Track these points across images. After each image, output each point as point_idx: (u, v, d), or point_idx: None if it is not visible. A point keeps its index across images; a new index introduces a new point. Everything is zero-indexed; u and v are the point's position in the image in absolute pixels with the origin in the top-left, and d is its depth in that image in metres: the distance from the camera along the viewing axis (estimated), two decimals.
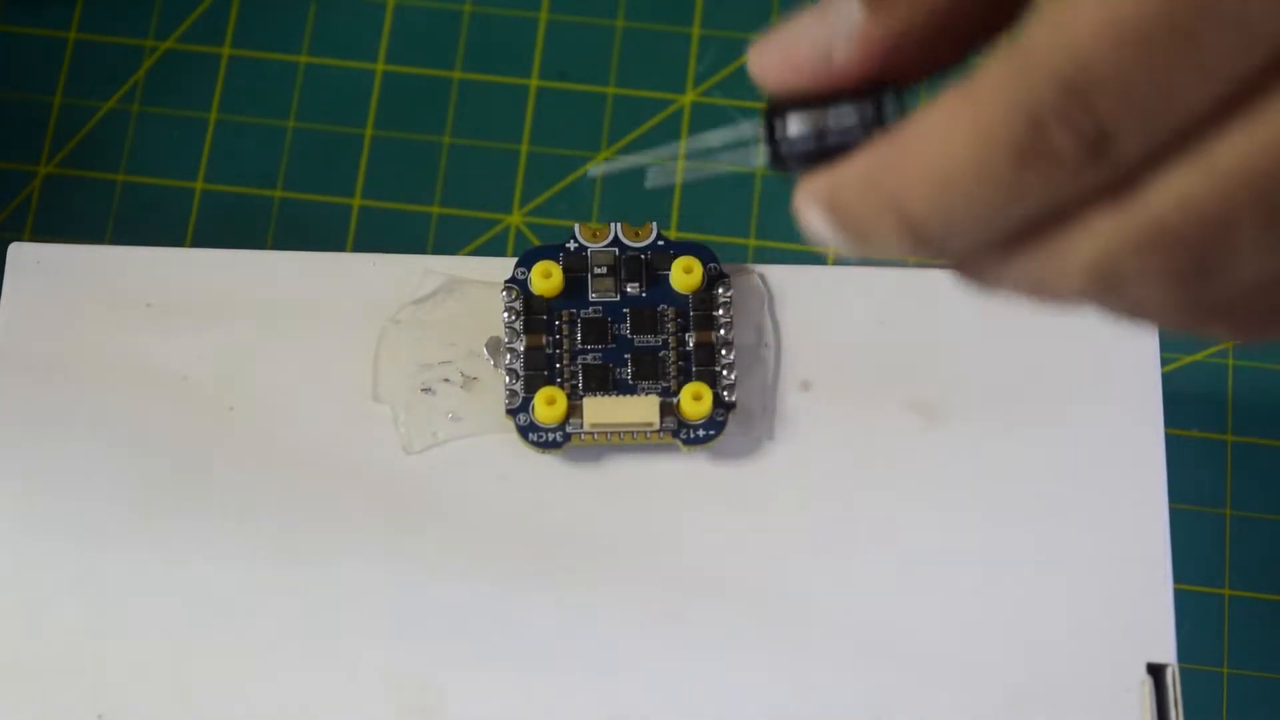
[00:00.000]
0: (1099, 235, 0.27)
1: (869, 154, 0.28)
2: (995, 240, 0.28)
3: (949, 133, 0.26)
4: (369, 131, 0.52)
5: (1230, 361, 0.50)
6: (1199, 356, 0.50)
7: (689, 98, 0.52)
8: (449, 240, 0.50)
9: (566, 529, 0.38)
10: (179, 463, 0.38)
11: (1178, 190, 0.26)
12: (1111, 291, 0.27)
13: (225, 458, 0.39)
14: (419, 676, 0.37)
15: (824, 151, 0.28)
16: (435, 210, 0.51)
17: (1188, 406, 0.49)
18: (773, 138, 0.29)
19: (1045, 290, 0.28)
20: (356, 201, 0.51)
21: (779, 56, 0.28)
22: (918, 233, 0.27)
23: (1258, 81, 0.26)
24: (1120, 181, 0.26)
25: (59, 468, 0.38)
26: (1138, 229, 0.27)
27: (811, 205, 0.28)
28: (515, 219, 0.51)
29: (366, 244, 0.50)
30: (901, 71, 0.28)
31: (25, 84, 0.52)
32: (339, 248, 0.50)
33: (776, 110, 0.28)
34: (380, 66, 0.52)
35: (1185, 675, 0.40)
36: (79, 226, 0.50)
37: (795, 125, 0.28)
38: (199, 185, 0.51)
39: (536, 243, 0.47)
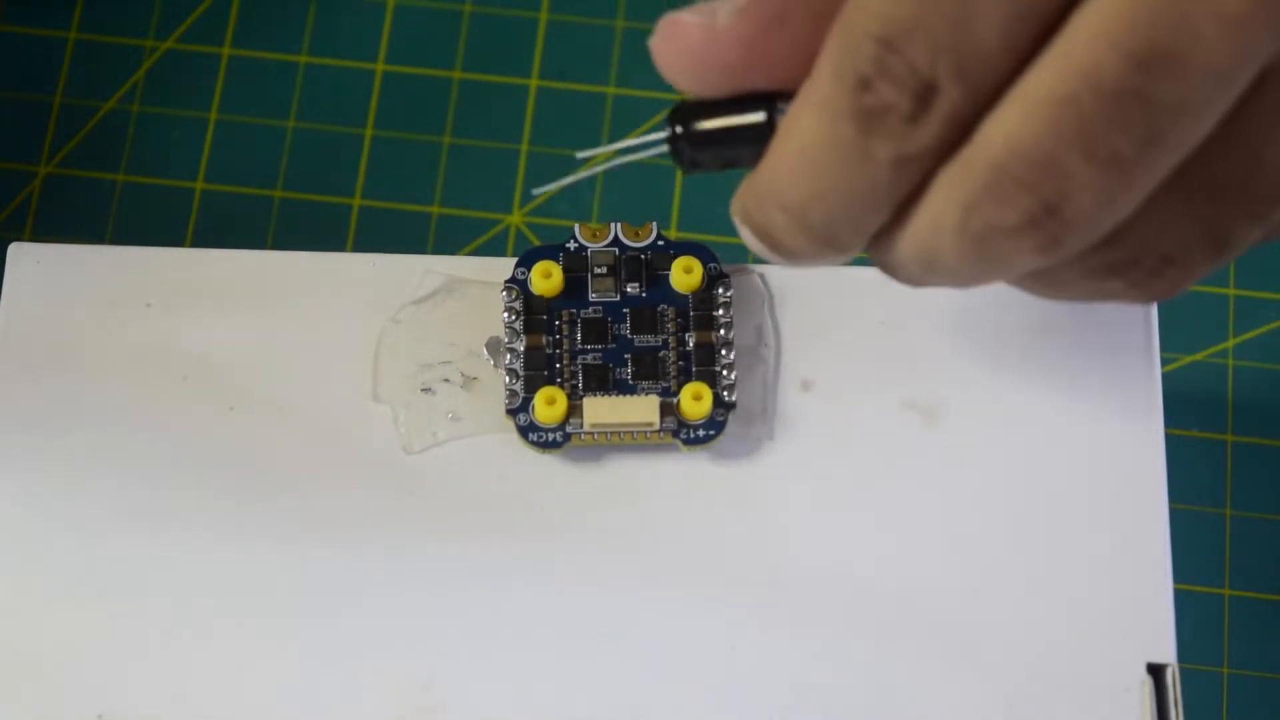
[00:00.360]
0: (955, 192, 0.28)
1: (763, 159, 0.29)
2: (876, 218, 0.29)
3: (802, 116, 0.28)
4: (369, 131, 0.52)
5: (1230, 362, 0.50)
6: (1199, 356, 0.50)
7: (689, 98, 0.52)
8: (449, 240, 0.51)
9: (566, 529, 0.38)
10: (179, 463, 0.38)
11: (1004, 131, 0.27)
12: (988, 255, 0.28)
13: (225, 458, 0.39)
14: (419, 676, 0.37)
15: (716, 154, 0.31)
16: (435, 210, 0.51)
17: (1188, 406, 0.49)
18: (674, 138, 0.31)
19: (937, 267, 0.29)
20: (356, 201, 0.51)
21: (672, 38, 0.30)
22: (805, 224, 0.29)
23: (1056, 11, 0.26)
24: (961, 135, 0.27)
25: (58, 468, 0.38)
26: (981, 178, 0.27)
27: (736, 219, 0.31)
28: (515, 219, 0.51)
29: (366, 244, 0.50)
30: (791, 65, 0.29)
31: (25, 84, 0.52)
32: (339, 248, 0.50)
33: (677, 114, 0.31)
34: (380, 66, 0.52)
35: (1185, 675, 0.40)
36: (79, 226, 0.51)
37: (690, 126, 0.31)
38: (199, 185, 0.51)
39: (536, 243, 0.47)
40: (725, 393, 0.38)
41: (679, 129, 0.31)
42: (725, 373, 0.39)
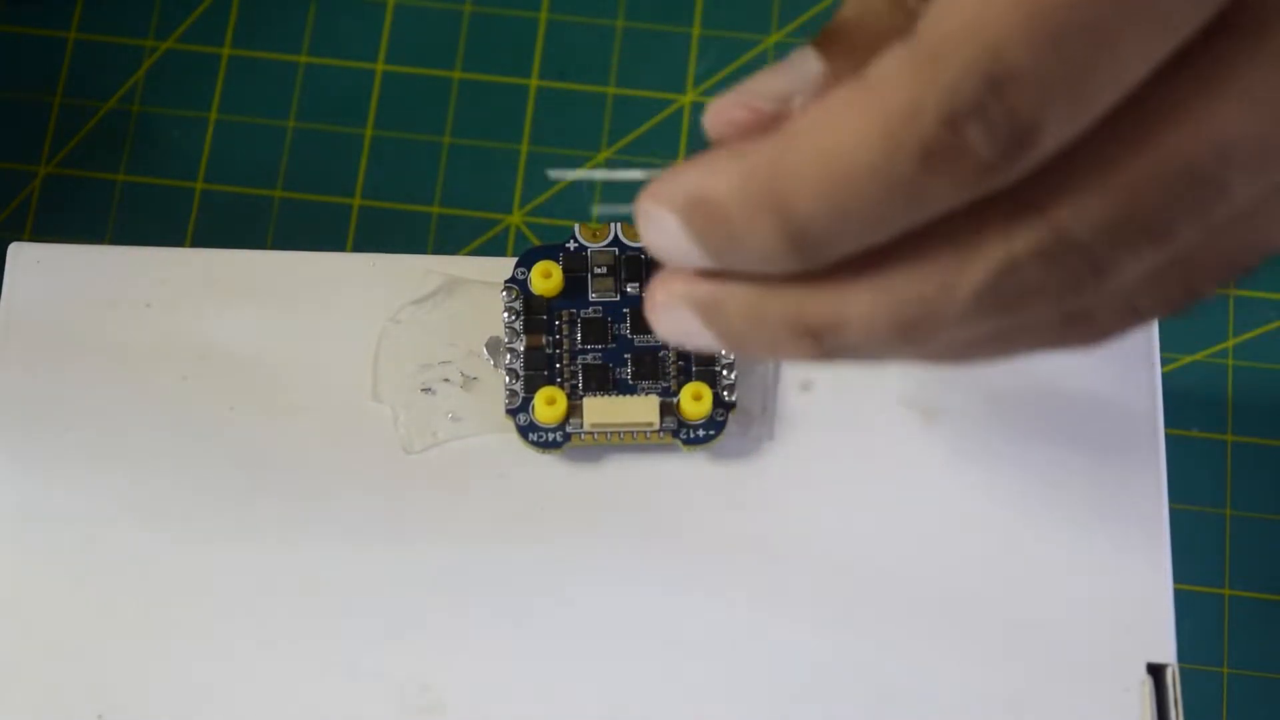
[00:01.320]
0: (1000, 246, 0.26)
1: (749, 150, 0.26)
2: (875, 248, 0.26)
3: (847, 128, 0.24)
4: (369, 131, 0.52)
5: (1230, 362, 0.50)
6: (1199, 356, 0.50)
7: (689, 98, 0.52)
8: (449, 240, 0.51)
9: (566, 529, 0.38)
10: (179, 463, 0.38)
11: (1090, 201, 0.25)
12: (1001, 310, 0.26)
13: (225, 458, 0.39)
14: (419, 676, 0.37)
15: None
16: (435, 210, 0.51)
17: (1188, 406, 0.49)
18: None
19: (924, 319, 0.27)
20: (356, 201, 0.51)
21: (738, 111, 0.27)
22: (799, 236, 0.25)
23: (1170, 79, 0.24)
24: (1023, 187, 0.25)
25: (58, 469, 0.38)
26: (1043, 240, 0.25)
27: (663, 206, 0.27)
28: (515, 219, 0.51)
29: (366, 244, 0.50)
30: None
31: (25, 84, 0.52)
32: (339, 248, 0.50)
33: None
34: (380, 66, 0.52)
35: (1185, 675, 0.40)
36: (79, 226, 0.51)
37: None
38: (199, 185, 0.51)
39: (536, 243, 0.47)
40: (725, 393, 0.38)
41: None
42: (725, 373, 0.39)
